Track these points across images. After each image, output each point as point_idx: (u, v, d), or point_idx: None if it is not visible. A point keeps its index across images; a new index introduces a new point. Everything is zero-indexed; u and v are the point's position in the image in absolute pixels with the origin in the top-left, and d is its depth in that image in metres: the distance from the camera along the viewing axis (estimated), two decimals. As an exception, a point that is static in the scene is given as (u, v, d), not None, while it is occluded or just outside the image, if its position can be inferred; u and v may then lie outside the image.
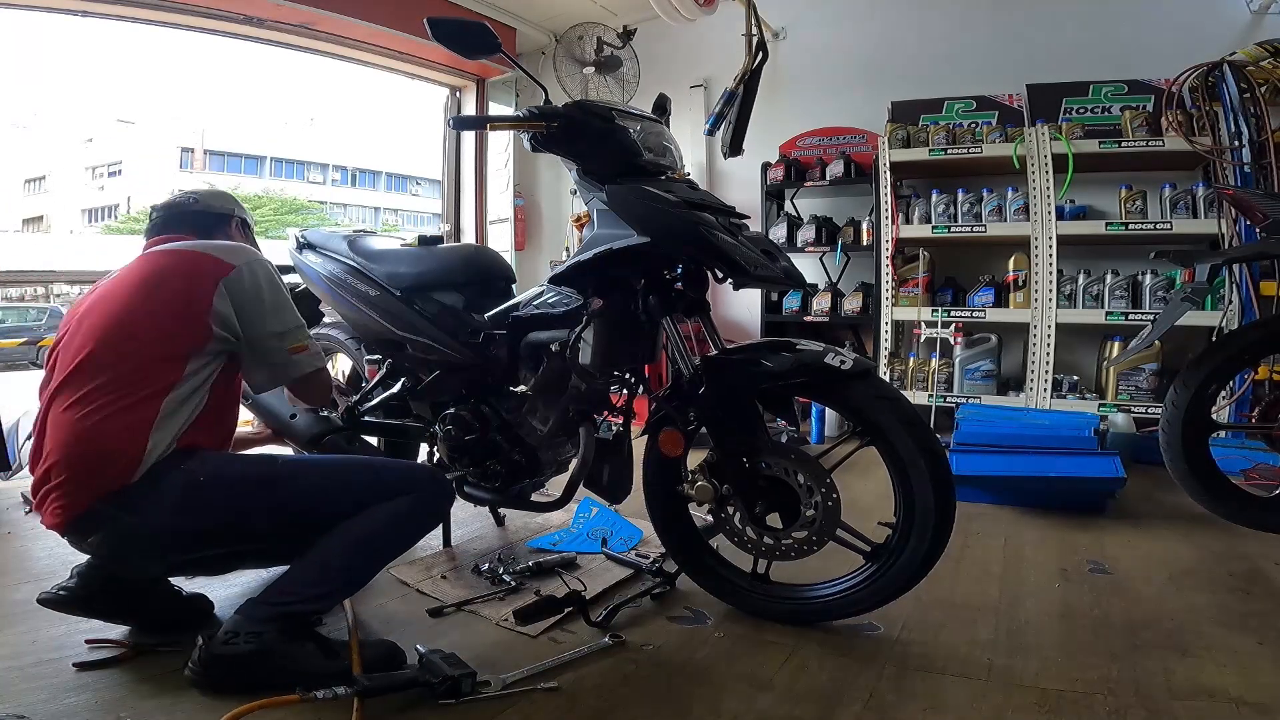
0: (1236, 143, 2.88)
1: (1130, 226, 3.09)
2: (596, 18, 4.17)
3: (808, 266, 3.85)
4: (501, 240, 4.63)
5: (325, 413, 2.03)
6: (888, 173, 3.43)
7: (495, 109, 4.71)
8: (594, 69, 4.06)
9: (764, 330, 3.94)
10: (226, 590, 1.62)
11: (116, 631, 1.42)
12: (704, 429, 1.49)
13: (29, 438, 1.55)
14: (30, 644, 1.37)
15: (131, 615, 1.45)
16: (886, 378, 3.29)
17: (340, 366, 2.53)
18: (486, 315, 1.80)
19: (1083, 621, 1.53)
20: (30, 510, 2.00)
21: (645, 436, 1.59)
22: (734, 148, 3.06)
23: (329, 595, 1.34)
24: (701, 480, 1.50)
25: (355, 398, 2.11)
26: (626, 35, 4.05)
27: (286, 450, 1.99)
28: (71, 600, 1.40)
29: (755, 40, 3.15)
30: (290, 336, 1.45)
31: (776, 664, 1.35)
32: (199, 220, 1.57)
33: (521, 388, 1.77)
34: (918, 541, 1.36)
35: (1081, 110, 3.37)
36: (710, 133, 3.32)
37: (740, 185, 4.08)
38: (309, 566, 1.31)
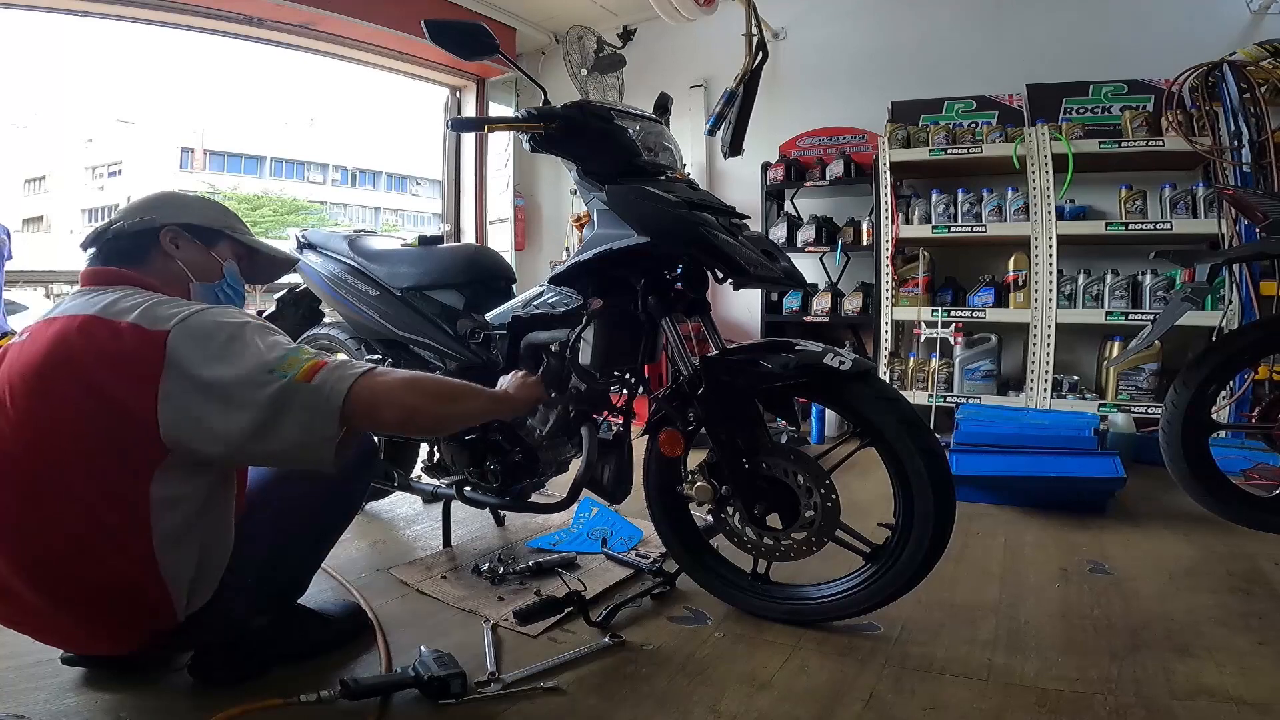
0: (1236, 143, 2.88)
1: (1130, 226, 3.09)
2: (596, 18, 4.17)
3: (808, 266, 3.85)
4: (501, 240, 4.63)
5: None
6: (888, 173, 3.42)
7: (495, 109, 4.72)
8: (594, 69, 4.06)
9: (764, 330, 3.94)
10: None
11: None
12: (704, 429, 1.49)
13: None
14: (30, 644, 1.36)
15: None
16: (886, 378, 3.29)
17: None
18: (487, 315, 1.80)
19: (1083, 621, 1.53)
20: None
21: (645, 436, 1.59)
22: (734, 148, 3.07)
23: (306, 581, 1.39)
24: (701, 480, 1.50)
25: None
26: (626, 35, 4.06)
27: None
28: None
29: (755, 40, 3.16)
30: (289, 362, 1.06)
31: (776, 664, 1.35)
32: (124, 250, 1.23)
33: (521, 388, 1.77)
34: (917, 543, 1.36)
35: (1081, 110, 3.37)
36: (710, 133, 3.33)
37: (740, 185, 4.08)
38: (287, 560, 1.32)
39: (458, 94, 4.78)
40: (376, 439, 2.14)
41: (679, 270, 1.52)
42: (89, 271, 1.23)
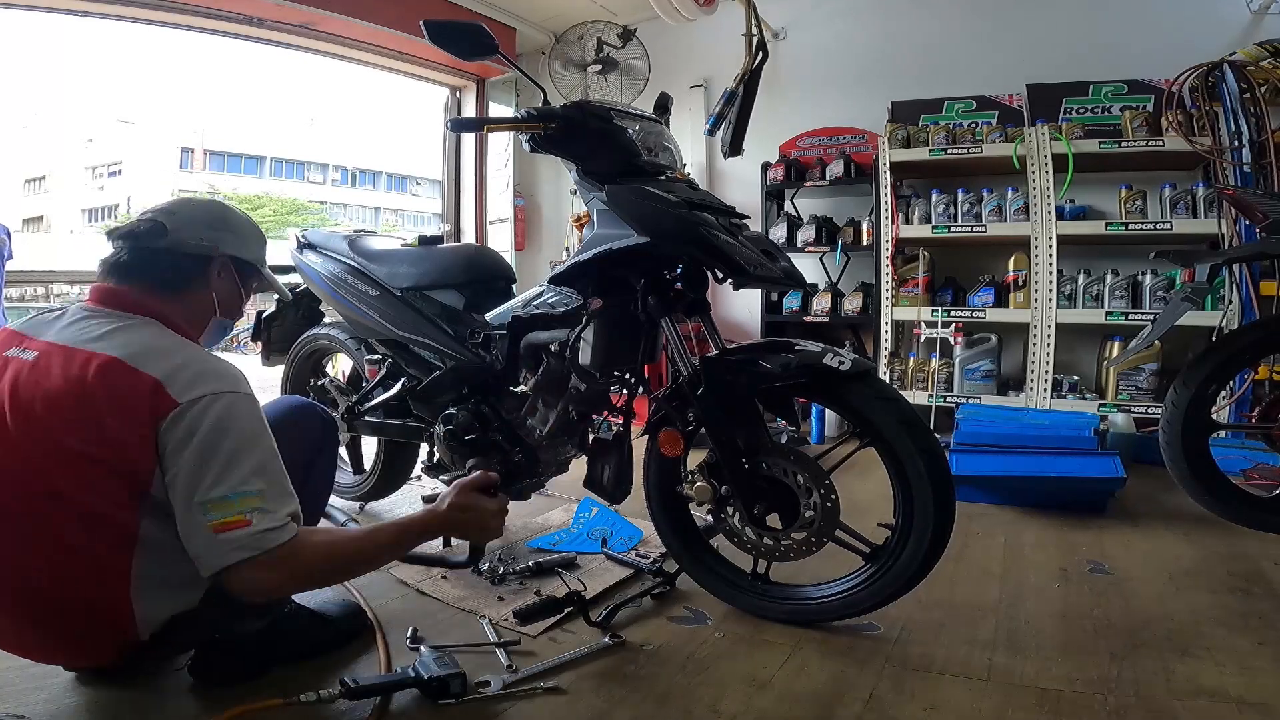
0: (1236, 143, 2.88)
1: (1130, 226, 3.09)
2: (596, 18, 4.17)
3: (808, 266, 3.85)
4: (501, 240, 4.63)
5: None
6: (888, 173, 3.43)
7: (495, 109, 4.72)
8: (594, 69, 4.06)
9: (764, 330, 3.94)
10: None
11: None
12: (704, 429, 1.49)
13: None
14: (30, 644, 1.37)
15: None
16: (886, 378, 3.30)
17: (340, 366, 2.54)
18: (487, 315, 1.80)
19: (1083, 621, 1.53)
20: None
21: (645, 436, 1.59)
22: (734, 148, 3.06)
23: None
24: (701, 480, 1.50)
25: (355, 398, 2.11)
26: (627, 35, 4.05)
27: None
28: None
29: (755, 40, 3.16)
30: (218, 506, 1.03)
31: (776, 664, 1.35)
32: (169, 273, 1.20)
33: (521, 388, 1.78)
34: (917, 543, 1.36)
35: (1081, 110, 3.37)
36: (710, 133, 3.32)
37: (740, 185, 4.08)
38: None
39: (458, 94, 4.78)
40: (377, 442, 2.16)
41: (679, 270, 1.52)
42: (109, 290, 1.19)
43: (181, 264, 1.22)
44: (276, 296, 2.28)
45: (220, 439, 1.06)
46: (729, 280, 1.40)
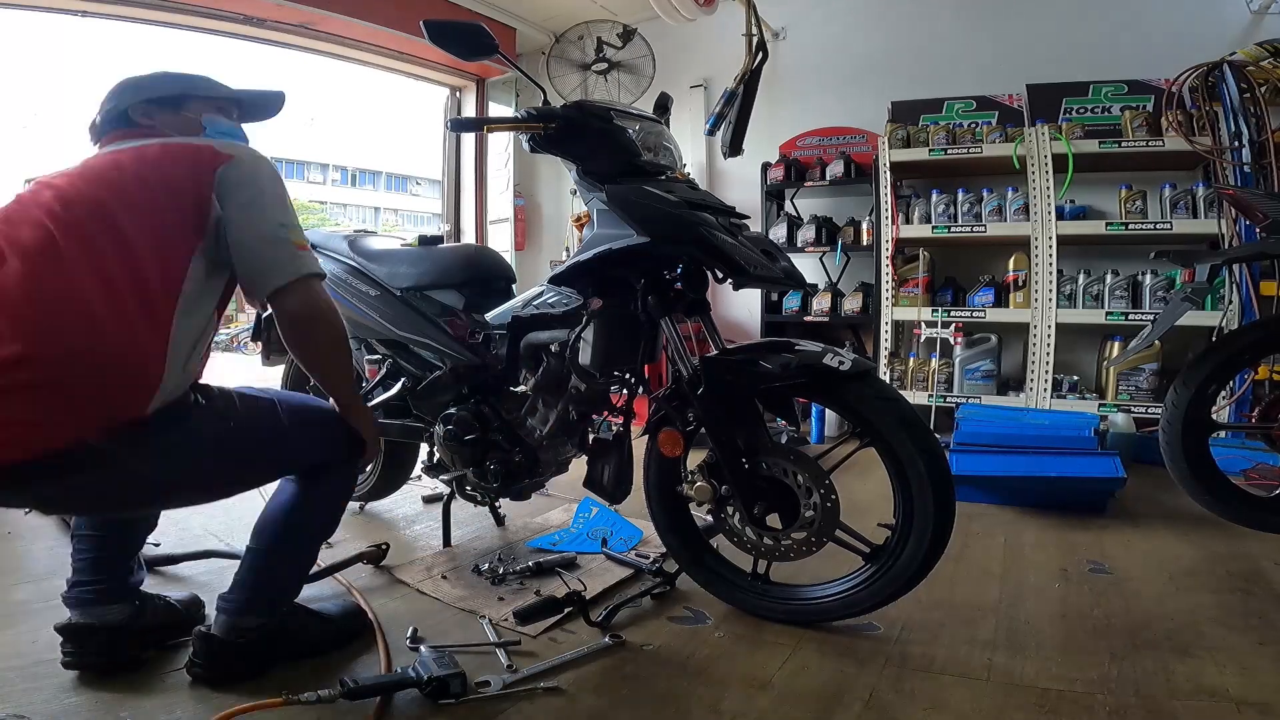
0: (1236, 143, 2.88)
1: (1130, 226, 3.09)
2: (597, 17, 4.17)
3: (808, 266, 3.85)
4: (501, 240, 4.63)
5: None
6: (888, 173, 3.43)
7: (495, 109, 4.72)
8: (595, 69, 4.06)
9: (764, 330, 3.94)
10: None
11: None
12: (704, 429, 1.49)
13: None
14: (30, 644, 1.37)
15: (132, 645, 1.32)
16: (886, 378, 3.30)
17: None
18: (487, 315, 1.80)
19: (1083, 621, 1.53)
20: (30, 511, 1.85)
21: (645, 436, 1.59)
22: (734, 148, 3.07)
23: (296, 586, 1.40)
24: (701, 480, 1.50)
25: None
26: (627, 35, 4.06)
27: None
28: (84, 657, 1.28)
29: (755, 40, 3.16)
30: (294, 231, 1.25)
31: (776, 664, 1.35)
32: (118, 128, 1.32)
33: (521, 388, 1.78)
34: (917, 543, 1.36)
35: (1081, 110, 3.37)
36: (710, 133, 3.33)
37: (740, 185, 4.08)
38: (274, 566, 1.33)
39: (458, 94, 4.78)
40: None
41: (679, 270, 1.52)
42: (113, 135, 1.31)
43: (116, 124, 1.33)
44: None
45: (277, 181, 1.27)
46: (729, 280, 1.40)
